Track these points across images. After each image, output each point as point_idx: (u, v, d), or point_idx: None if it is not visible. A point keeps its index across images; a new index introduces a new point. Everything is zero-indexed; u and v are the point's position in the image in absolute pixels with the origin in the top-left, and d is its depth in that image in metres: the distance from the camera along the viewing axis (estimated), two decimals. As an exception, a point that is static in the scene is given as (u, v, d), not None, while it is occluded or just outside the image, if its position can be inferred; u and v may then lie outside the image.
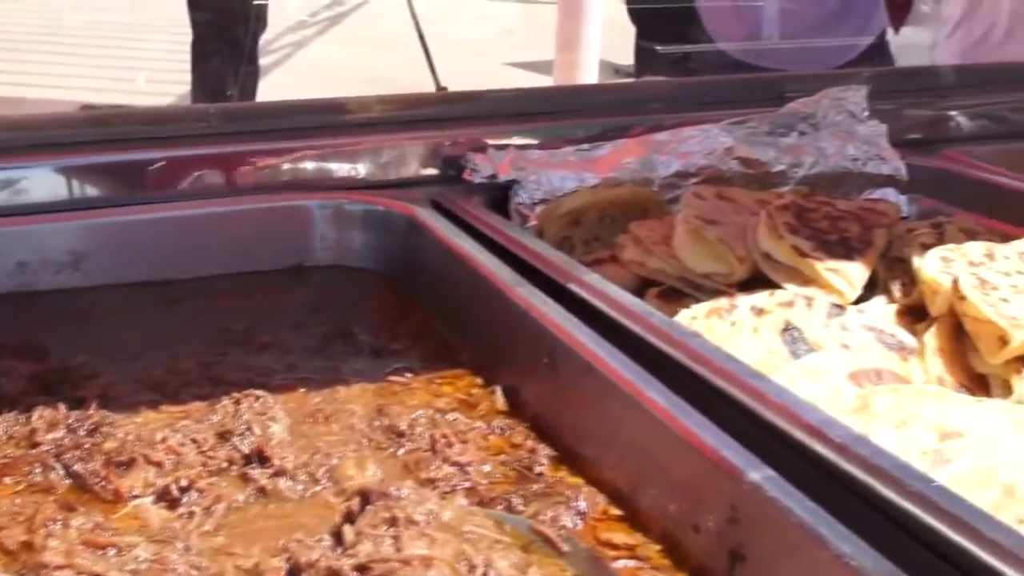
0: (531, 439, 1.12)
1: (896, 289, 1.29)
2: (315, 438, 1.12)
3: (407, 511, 0.89)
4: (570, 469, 1.08)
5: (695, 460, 0.95)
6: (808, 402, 0.99)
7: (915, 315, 1.24)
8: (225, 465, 1.06)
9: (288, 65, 6.88)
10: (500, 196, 1.54)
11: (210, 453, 1.07)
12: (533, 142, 1.64)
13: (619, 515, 1.00)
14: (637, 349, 1.10)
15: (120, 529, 0.96)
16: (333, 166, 1.58)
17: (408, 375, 1.25)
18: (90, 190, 1.53)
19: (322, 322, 1.37)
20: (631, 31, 3.48)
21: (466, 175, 1.57)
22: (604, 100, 1.90)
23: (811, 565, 0.83)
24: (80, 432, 1.09)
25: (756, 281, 1.30)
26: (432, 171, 1.61)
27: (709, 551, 0.91)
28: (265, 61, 5.30)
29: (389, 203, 1.52)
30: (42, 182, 1.48)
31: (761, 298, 1.24)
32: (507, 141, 1.62)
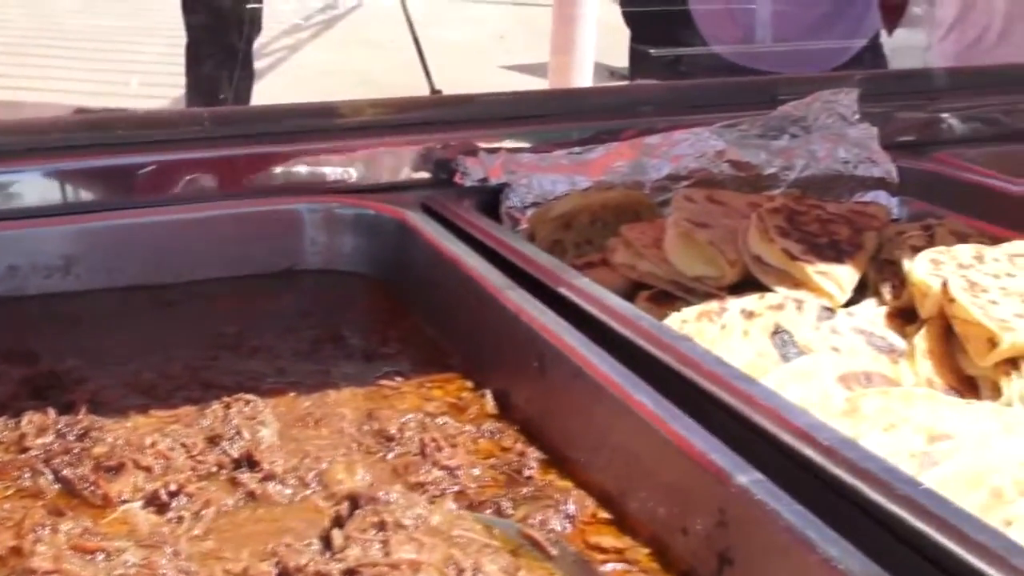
0: (520, 442, 1.12)
1: (886, 291, 1.29)
2: (304, 442, 1.12)
3: (396, 515, 0.90)
4: (559, 472, 1.08)
5: (684, 464, 0.95)
6: (796, 405, 0.99)
7: (905, 317, 1.24)
8: (214, 469, 1.06)
9: (283, 68, 6.87)
10: (491, 200, 1.54)
11: (199, 457, 1.07)
12: (526, 145, 1.63)
13: (608, 518, 1.00)
14: (626, 352, 1.10)
15: (109, 534, 0.95)
16: (325, 170, 1.58)
17: (398, 379, 1.25)
18: (82, 194, 1.52)
19: (312, 326, 1.37)
20: (626, 33, 3.48)
21: (457, 179, 1.57)
22: (596, 103, 1.91)
23: (799, 568, 0.83)
24: (70, 437, 1.09)
25: (746, 284, 1.30)
26: (423, 175, 1.61)
27: (697, 554, 0.92)
28: (260, 64, 5.29)
29: (380, 207, 1.52)
30: (34, 185, 1.48)
31: (751, 301, 1.24)
32: (499, 145, 1.61)
